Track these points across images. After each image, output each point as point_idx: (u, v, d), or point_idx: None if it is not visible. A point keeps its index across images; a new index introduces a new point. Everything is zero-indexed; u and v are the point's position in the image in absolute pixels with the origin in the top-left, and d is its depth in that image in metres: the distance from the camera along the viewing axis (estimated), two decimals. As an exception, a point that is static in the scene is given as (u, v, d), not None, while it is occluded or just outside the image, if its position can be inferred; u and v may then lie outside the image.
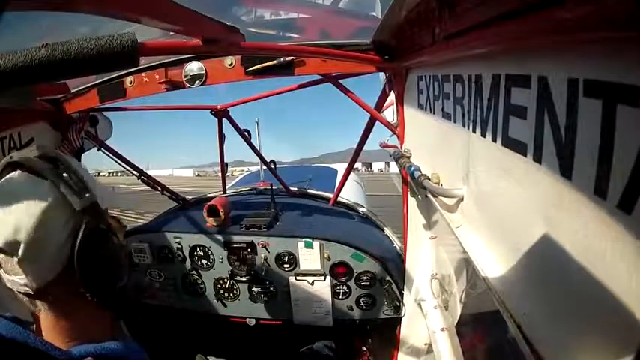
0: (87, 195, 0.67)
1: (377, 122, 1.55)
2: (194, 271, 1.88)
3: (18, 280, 0.61)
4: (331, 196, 2.31)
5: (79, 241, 0.64)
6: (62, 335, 0.65)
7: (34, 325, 0.66)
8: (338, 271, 1.71)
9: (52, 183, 0.63)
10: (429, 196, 0.97)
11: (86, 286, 0.66)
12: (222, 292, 1.87)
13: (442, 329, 1.42)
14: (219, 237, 1.80)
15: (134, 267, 1.91)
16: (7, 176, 0.63)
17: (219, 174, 2.43)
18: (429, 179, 0.96)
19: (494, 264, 0.63)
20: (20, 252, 0.59)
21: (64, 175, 0.65)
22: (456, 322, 1.44)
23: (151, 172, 2.29)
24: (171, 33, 0.79)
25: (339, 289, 1.74)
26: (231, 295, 1.87)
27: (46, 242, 0.61)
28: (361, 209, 2.31)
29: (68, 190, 0.64)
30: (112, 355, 0.65)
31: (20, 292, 0.63)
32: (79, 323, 0.66)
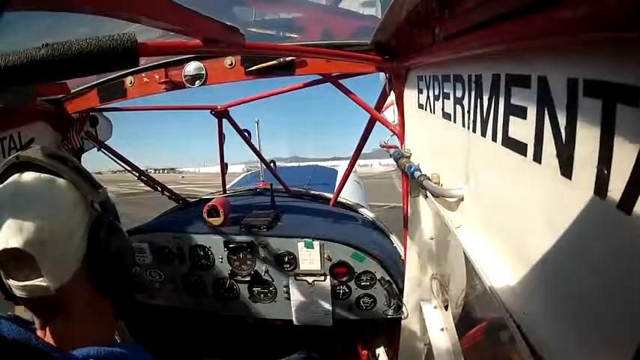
0: (100, 190, 0.68)
1: (377, 122, 1.56)
2: (194, 271, 1.88)
3: (37, 283, 0.59)
4: (331, 196, 2.31)
5: (101, 236, 0.64)
6: (65, 339, 0.64)
7: (36, 328, 0.65)
8: (338, 272, 1.71)
9: (68, 180, 0.63)
10: (429, 196, 0.97)
11: (103, 283, 0.67)
12: (222, 292, 1.87)
13: (442, 329, 1.42)
14: (219, 237, 1.80)
15: None
16: (16, 177, 0.61)
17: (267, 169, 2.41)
18: (429, 179, 0.96)
19: (494, 264, 0.63)
20: (43, 251, 0.58)
21: (76, 171, 0.65)
22: (456, 322, 1.44)
23: (204, 170, 2.33)
24: (172, 33, 0.79)
25: (339, 290, 1.74)
26: (232, 295, 1.87)
27: (68, 239, 0.61)
28: (361, 209, 2.31)
29: (84, 185, 0.65)
30: (114, 358, 0.65)
31: (31, 299, 0.61)
32: (83, 326, 0.66)
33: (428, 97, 1.02)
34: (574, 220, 0.40)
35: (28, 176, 0.62)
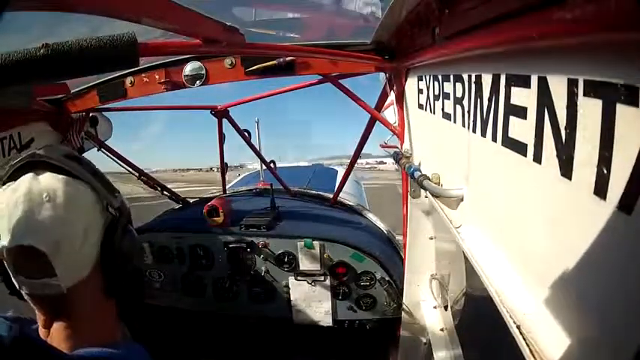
0: (117, 194, 0.68)
1: (377, 122, 1.56)
2: (194, 271, 1.88)
3: (49, 282, 0.59)
4: (331, 196, 2.31)
5: (115, 240, 0.64)
6: (68, 338, 0.64)
7: (38, 327, 0.65)
8: (338, 272, 1.71)
9: (87, 183, 0.63)
10: (429, 196, 0.97)
11: (113, 286, 0.67)
12: (222, 292, 1.87)
13: (442, 329, 1.42)
14: (219, 237, 1.80)
15: None
16: (33, 175, 0.61)
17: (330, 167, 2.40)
18: (429, 179, 0.96)
19: (494, 264, 0.63)
20: (58, 251, 0.58)
21: (94, 174, 0.66)
22: (456, 322, 1.44)
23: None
24: (171, 33, 0.79)
25: (339, 290, 1.74)
26: (231, 295, 1.87)
27: (83, 241, 0.61)
28: (361, 209, 2.31)
29: (102, 189, 0.65)
30: (115, 358, 0.65)
31: (38, 296, 0.61)
32: (87, 327, 0.66)
33: (428, 97, 1.02)
34: (574, 220, 0.40)
35: (46, 176, 0.61)
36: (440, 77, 0.88)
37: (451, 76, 0.79)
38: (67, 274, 0.60)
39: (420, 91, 1.11)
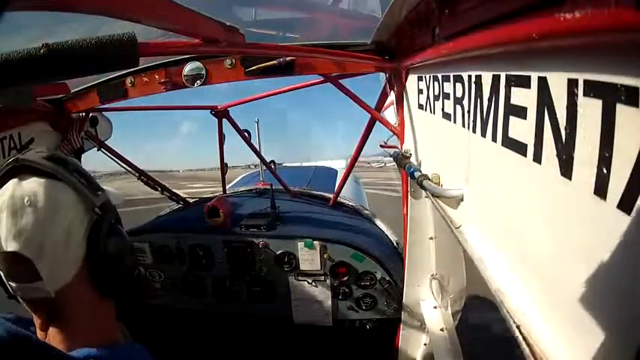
0: (100, 193, 0.68)
1: (377, 122, 1.56)
2: (194, 271, 1.88)
3: (36, 286, 0.59)
4: (331, 196, 2.31)
5: (100, 239, 0.64)
6: (66, 339, 0.64)
7: (36, 328, 0.65)
8: (338, 272, 1.71)
9: (67, 183, 0.63)
10: (429, 196, 0.97)
11: (103, 285, 0.66)
12: (222, 292, 1.87)
13: (442, 329, 1.42)
14: (219, 237, 1.80)
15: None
16: (16, 180, 0.61)
17: (373, 165, 2.39)
18: (429, 179, 0.96)
19: (494, 264, 0.63)
20: (42, 255, 0.58)
21: (76, 174, 0.66)
22: (456, 322, 1.44)
23: (307, 164, 2.33)
24: (171, 33, 0.79)
25: (340, 290, 1.74)
26: (231, 295, 1.87)
27: (66, 243, 0.61)
28: (361, 209, 2.31)
29: (83, 188, 0.65)
30: (114, 358, 0.65)
31: (31, 300, 0.62)
32: (84, 327, 0.66)
33: (428, 97, 1.02)
34: (574, 220, 0.40)
35: (27, 180, 0.61)
36: (440, 77, 0.88)
37: (451, 76, 0.79)
38: (53, 277, 0.60)
39: (420, 91, 1.11)
